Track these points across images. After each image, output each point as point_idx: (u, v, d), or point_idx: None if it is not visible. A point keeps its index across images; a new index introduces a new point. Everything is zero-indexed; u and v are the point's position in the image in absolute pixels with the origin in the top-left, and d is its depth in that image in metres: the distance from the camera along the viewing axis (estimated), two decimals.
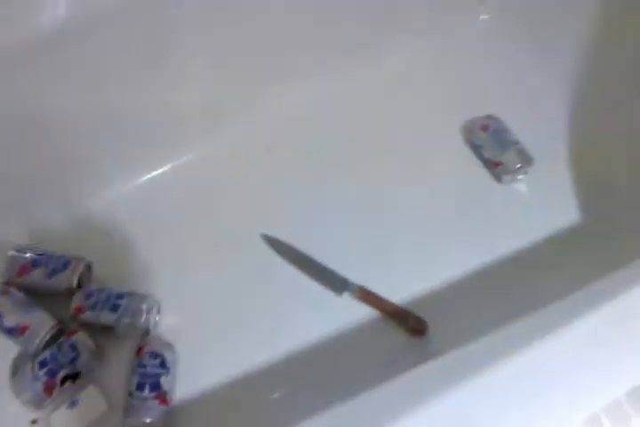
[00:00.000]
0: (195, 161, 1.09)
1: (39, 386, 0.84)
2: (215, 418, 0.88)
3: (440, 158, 1.09)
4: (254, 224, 1.02)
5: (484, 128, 1.07)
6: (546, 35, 1.14)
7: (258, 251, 1.01)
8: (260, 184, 1.07)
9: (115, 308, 0.90)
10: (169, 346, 0.91)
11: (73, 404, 0.86)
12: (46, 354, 0.86)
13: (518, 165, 1.04)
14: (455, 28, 1.19)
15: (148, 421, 0.82)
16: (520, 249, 0.99)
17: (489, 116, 1.08)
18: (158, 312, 0.95)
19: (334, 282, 0.97)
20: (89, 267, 0.96)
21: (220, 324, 0.94)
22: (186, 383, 0.90)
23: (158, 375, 0.86)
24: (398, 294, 0.96)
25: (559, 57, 1.12)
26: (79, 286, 0.93)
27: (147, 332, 0.92)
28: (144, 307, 0.91)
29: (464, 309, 0.93)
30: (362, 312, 0.96)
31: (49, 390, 0.84)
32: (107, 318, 0.90)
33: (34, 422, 0.86)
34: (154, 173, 1.08)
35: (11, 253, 0.94)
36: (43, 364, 0.85)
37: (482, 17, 1.21)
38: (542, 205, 1.04)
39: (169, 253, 1.00)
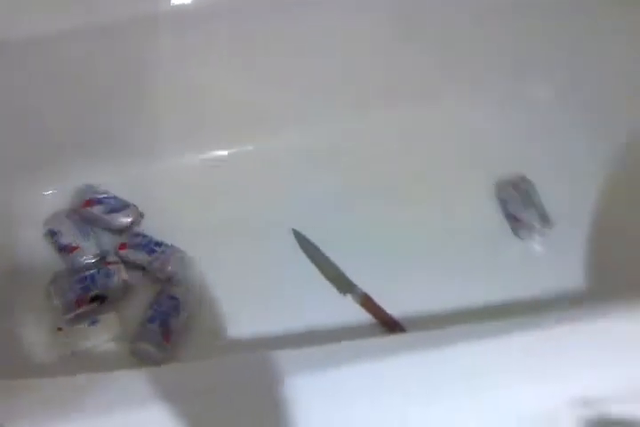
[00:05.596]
0: (256, 152, 1.24)
1: (72, 296, 0.98)
2: None
3: (469, 203, 1.17)
4: (290, 218, 1.14)
5: (515, 187, 1.14)
6: (602, 116, 1.21)
7: (285, 242, 1.12)
8: (309, 185, 1.19)
9: (151, 252, 1.04)
10: (186, 295, 1.02)
11: (93, 322, 0.98)
12: (86, 273, 1.01)
13: (537, 225, 1.10)
14: (520, 95, 1.29)
15: (149, 349, 0.94)
16: (513, 298, 1.05)
17: (523, 178, 1.15)
18: (186, 267, 1.07)
19: (342, 283, 1.08)
20: (141, 215, 1.11)
21: (232, 291, 1.05)
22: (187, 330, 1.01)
23: (169, 315, 0.97)
24: (395, 308, 1.04)
25: (608, 142, 1.18)
26: (129, 227, 1.08)
27: (170, 279, 1.04)
28: (174, 258, 1.04)
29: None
30: (357, 315, 1.05)
31: (79, 302, 0.98)
32: (142, 258, 1.04)
33: (59, 329, 0.99)
34: (216, 153, 1.23)
35: (82, 186, 1.10)
36: (81, 280, 1.00)
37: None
38: (550, 265, 1.10)
39: (209, 224, 1.12)
